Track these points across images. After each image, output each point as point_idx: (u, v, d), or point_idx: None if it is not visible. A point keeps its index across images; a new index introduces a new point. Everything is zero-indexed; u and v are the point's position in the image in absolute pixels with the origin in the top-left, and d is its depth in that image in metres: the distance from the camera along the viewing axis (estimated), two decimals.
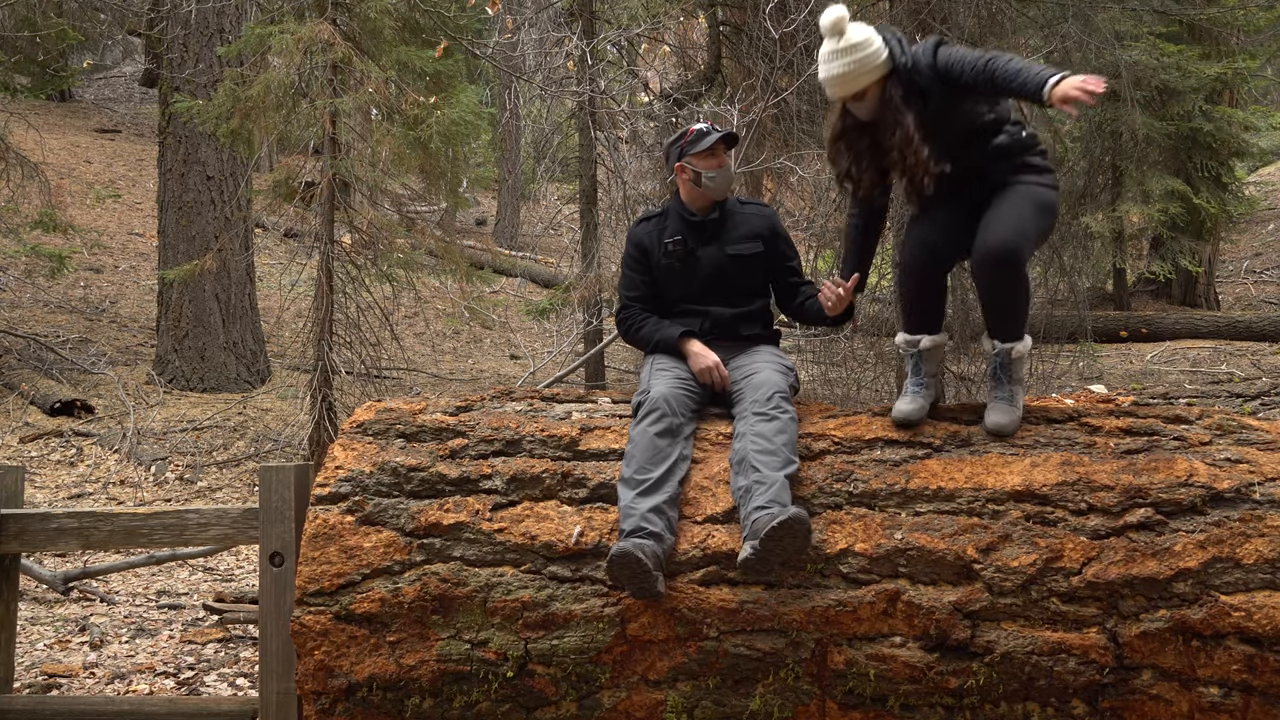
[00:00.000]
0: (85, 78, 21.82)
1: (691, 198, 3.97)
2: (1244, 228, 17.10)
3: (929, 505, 3.33)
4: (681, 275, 3.94)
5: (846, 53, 3.52)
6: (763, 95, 8.11)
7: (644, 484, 3.35)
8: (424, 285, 9.80)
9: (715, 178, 3.91)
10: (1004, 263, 3.44)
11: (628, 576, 3.21)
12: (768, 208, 4.13)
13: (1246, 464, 3.32)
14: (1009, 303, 3.56)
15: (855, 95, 3.59)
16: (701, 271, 3.92)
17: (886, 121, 3.58)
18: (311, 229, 8.47)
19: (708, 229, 3.95)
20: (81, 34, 15.81)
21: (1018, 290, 3.53)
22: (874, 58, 3.52)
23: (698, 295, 3.93)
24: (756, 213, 4.04)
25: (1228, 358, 12.47)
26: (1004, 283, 3.50)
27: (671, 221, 3.99)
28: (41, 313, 12.46)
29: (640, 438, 3.47)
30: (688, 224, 3.97)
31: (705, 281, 3.92)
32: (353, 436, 3.67)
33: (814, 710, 3.27)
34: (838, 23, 3.52)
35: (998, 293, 3.55)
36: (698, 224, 3.96)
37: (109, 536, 3.81)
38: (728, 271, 3.92)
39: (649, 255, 3.99)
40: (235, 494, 8.68)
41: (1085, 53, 9.86)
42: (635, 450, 3.44)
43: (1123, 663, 3.16)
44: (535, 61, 10.10)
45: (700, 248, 3.94)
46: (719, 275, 3.91)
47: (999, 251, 3.43)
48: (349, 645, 3.36)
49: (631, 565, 3.18)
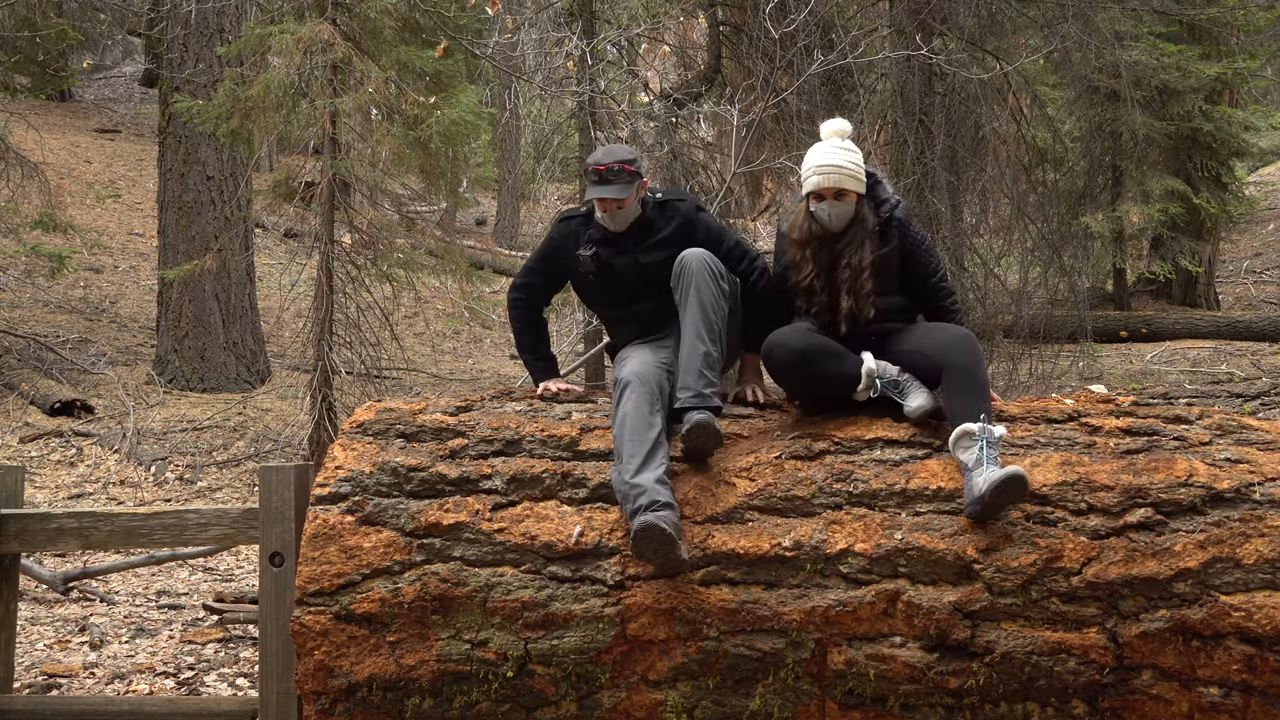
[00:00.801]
0: (85, 78, 21.82)
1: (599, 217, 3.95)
2: (1244, 228, 17.10)
3: (929, 505, 3.33)
4: (599, 284, 3.95)
5: (851, 151, 3.71)
6: (763, 95, 8.11)
7: (641, 458, 3.35)
8: (424, 285, 9.81)
9: (605, 218, 3.89)
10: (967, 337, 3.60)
11: (654, 550, 3.18)
12: (686, 201, 3.98)
13: (1246, 464, 3.32)
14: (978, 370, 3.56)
15: (838, 194, 3.69)
16: (617, 281, 3.91)
17: (849, 239, 3.70)
18: (311, 229, 8.47)
19: (622, 241, 3.91)
20: (81, 34, 15.81)
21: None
22: (862, 174, 3.73)
23: (619, 302, 3.94)
24: (673, 213, 3.92)
25: (1228, 358, 12.47)
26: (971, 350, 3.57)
27: (592, 227, 3.96)
28: (41, 313, 12.46)
29: (624, 416, 3.46)
30: (604, 232, 3.94)
31: (623, 290, 3.92)
32: (353, 436, 3.66)
33: (814, 710, 3.27)
34: (845, 128, 3.75)
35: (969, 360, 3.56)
36: (613, 236, 3.93)
37: (109, 536, 3.81)
38: (644, 279, 3.88)
39: (561, 256, 3.99)
40: (235, 494, 8.68)
41: (1085, 53, 9.87)
42: (623, 430, 3.44)
43: (1123, 663, 3.16)
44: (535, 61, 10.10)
45: (615, 258, 3.90)
46: (636, 283, 3.89)
47: (968, 333, 3.64)
48: (349, 645, 3.36)
49: (657, 537, 3.16)
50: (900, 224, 3.78)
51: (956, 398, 3.46)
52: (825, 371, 3.60)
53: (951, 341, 3.58)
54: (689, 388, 3.53)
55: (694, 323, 3.61)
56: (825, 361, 3.60)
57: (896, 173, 8.89)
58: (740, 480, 3.44)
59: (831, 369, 3.60)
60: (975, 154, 9.68)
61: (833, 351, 3.61)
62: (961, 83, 8.93)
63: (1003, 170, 10.07)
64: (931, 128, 8.82)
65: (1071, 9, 9.15)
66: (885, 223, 3.76)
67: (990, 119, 9.52)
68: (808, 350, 3.59)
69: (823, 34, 8.77)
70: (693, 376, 3.54)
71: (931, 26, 8.73)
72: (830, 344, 3.63)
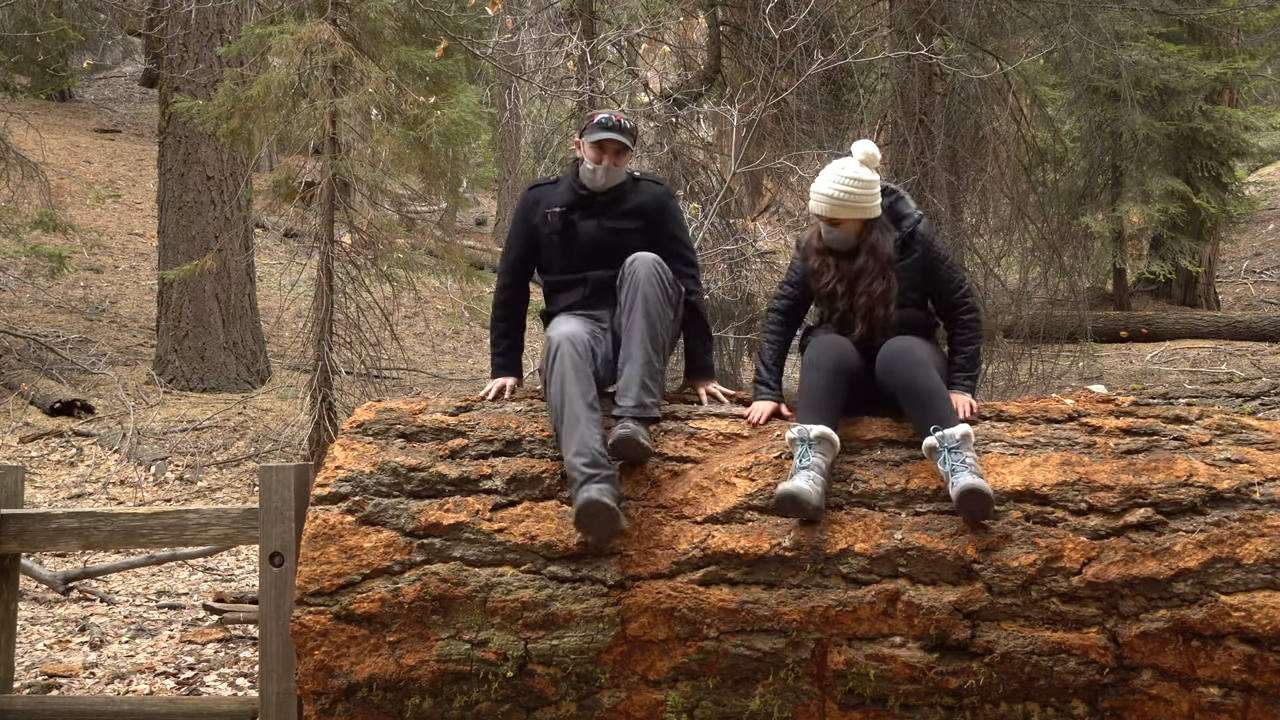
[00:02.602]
0: (85, 78, 21.81)
1: (583, 175, 3.97)
2: (1244, 228, 17.10)
3: (929, 505, 3.33)
4: (560, 245, 3.95)
5: (854, 183, 3.72)
6: (763, 95, 8.11)
7: (570, 429, 3.40)
8: (424, 285, 9.80)
9: (593, 171, 3.91)
10: (909, 346, 3.61)
11: (595, 523, 3.26)
12: (661, 186, 4.07)
13: (1246, 464, 3.32)
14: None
15: (831, 221, 3.76)
16: (578, 243, 3.92)
17: (867, 266, 3.74)
18: (311, 229, 8.47)
19: (595, 204, 3.95)
20: (81, 34, 15.82)
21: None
22: (870, 202, 3.75)
23: (576, 265, 3.94)
24: (647, 190, 4.00)
25: (1228, 358, 12.48)
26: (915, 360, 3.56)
27: (561, 192, 3.99)
28: (41, 313, 12.45)
29: (555, 381, 3.50)
30: (576, 195, 3.96)
31: (582, 253, 3.92)
32: (353, 436, 3.66)
33: (814, 710, 3.27)
34: (871, 156, 3.75)
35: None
36: (586, 197, 3.96)
37: (109, 536, 3.81)
38: (604, 244, 3.89)
39: (529, 225, 4.00)
40: (235, 494, 8.68)
41: (1085, 53, 9.87)
42: (555, 401, 3.48)
43: (1123, 663, 3.16)
44: (535, 61, 10.09)
45: (581, 220, 3.93)
46: (595, 247, 3.90)
47: (906, 342, 3.63)
48: (349, 645, 3.36)
49: (597, 511, 3.23)
50: (922, 238, 3.83)
51: (909, 415, 3.51)
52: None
53: (887, 359, 3.59)
54: (631, 396, 3.53)
55: (639, 331, 3.61)
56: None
57: (896, 173, 8.89)
58: (740, 480, 3.44)
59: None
60: (975, 154, 9.68)
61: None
62: (961, 83, 8.93)
63: (1003, 170, 10.08)
64: (931, 128, 8.82)
65: (1071, 9, 9.15)
66: (908, 237, 3.81)
67: (990, 119, 9.52)
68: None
69: (823, 34, 8.78)
70: (636, 386, 3.54)
71: (931, 26, 8.73)
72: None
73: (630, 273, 3.69)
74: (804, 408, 3.50)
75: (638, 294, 3.64)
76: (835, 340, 3.69)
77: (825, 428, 3.42)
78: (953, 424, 3.35)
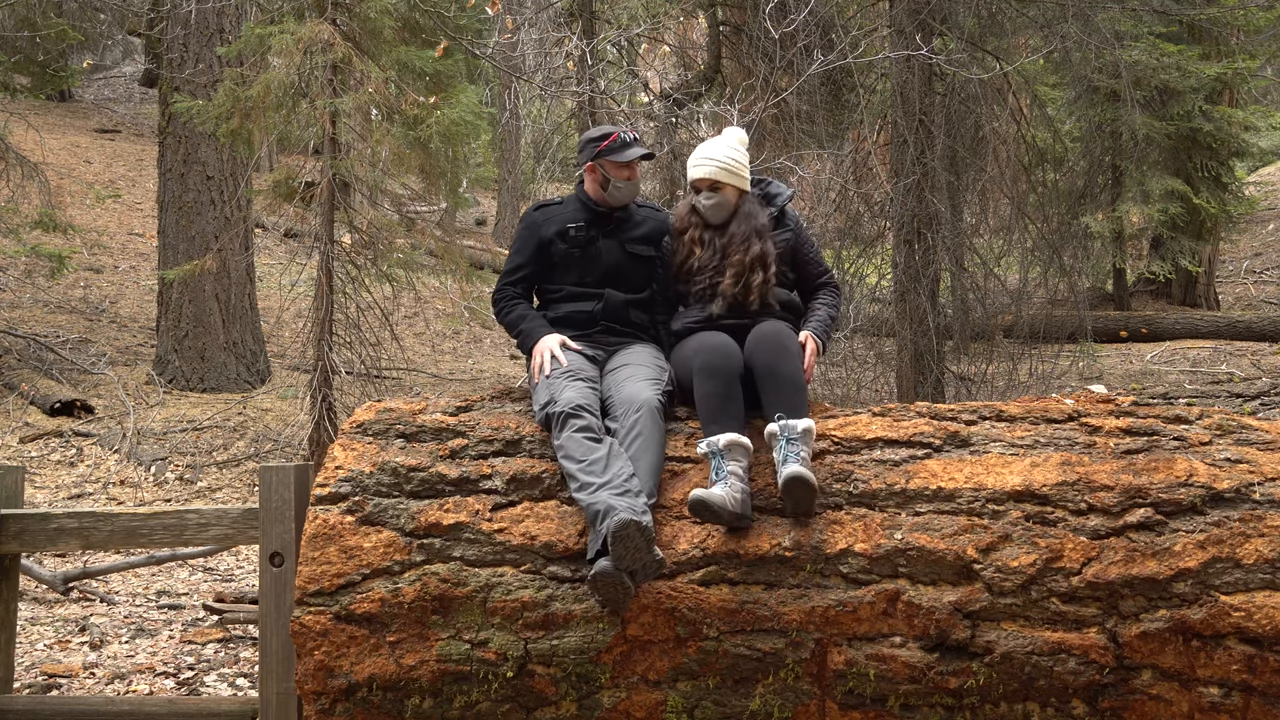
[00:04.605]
0: (85, 78, 21.81)
1: (597, 196, 4.07)
2: (1244, 228, 17.10)
3: (929, 505, 3.33)
4: (580, 261, 4.01)
5: (738, 152, 3.98)
6: (763, 95, 8.12)
7: (595, 473, 3.34)
8: (424, 285, 9.80)
9: (623, 188, 4.03)
10: (781, 332, 3.66)
11: (631, 553, 3.15)
12: (661, 213, 4.25)
13: (1246, 464, 3.32)
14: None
15: (713, 185, 3.92)
16: (601, 260, 4.01)
17: (740, 232, 3.89)
18: (311, 229, 8.47)
19: (611, 222, 4.06)
20: (81, 34, 15.81)
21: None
22: (746, 174, 3.99)
23: (595, 281, 4.00)
24: (652, 216, 4.16)
25: (1228, 358, 12.47)
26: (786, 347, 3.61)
27: (572, 210, 4.07)
28: (41, 313, 12.46)
29: (569, 443, 3.44)
30: (592, 213, 4.06)
31: (604, 270, 4.00)
32: (353, 436, 3.67)
33: (814, 710, 3.27)
34: (744, 139, 4.05)
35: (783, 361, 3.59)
36: (602, 214, 4.06)
37: (109, 536, 3.81)
38: (624, 266, 4.02)
39: (539, 241, 4.04)
40: (235, 494, 8.68)
41: (1085, 53, 9.87)
42: (571, 454, 3.41)
43: (1123, 663, 3.16)
44: (535, 61, 10.09)
45: (601, 238, 4.02)
46: (617, 267, 4.01)
47: (776, 325, 3.71)
48: (349, 645, 3.36)
49: (634, 535, 3.14)
50: (793, 217, 4.06)
51: (763, 397, 3.55)
52: None
53: (758, 338, 3.65)
54: (649, 494, 3.41)
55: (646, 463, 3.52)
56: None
57: (896, 173, 8.89)
58: None
59: None
60: (975, 154, 9.68)
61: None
62: (961, 83, 8.93)
63: (1003, 170, 10.07)
64: (931, 128, 8.81)
65: (1071, 9, 9.14)
66: (780, 214, 4.02)
67: (990, 119, 9.51)
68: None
69: (823, 34, 8.77)
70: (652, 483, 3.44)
71: (931, 26, 8.72)
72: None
73: (631, 402, 3.60)
74: (706, 419, 3.51)
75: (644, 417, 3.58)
76: (715, 339, 3.69)
77: (732, 434, 3.43)
78: (800, 417, 3.41)
